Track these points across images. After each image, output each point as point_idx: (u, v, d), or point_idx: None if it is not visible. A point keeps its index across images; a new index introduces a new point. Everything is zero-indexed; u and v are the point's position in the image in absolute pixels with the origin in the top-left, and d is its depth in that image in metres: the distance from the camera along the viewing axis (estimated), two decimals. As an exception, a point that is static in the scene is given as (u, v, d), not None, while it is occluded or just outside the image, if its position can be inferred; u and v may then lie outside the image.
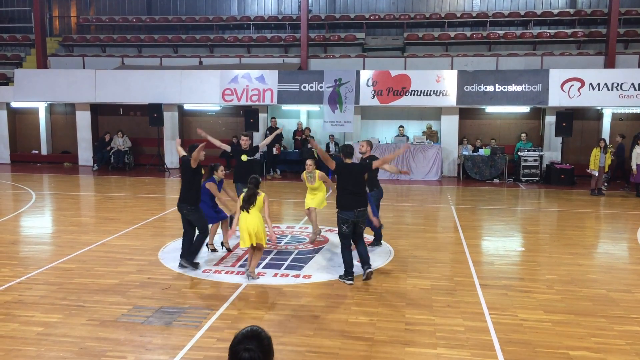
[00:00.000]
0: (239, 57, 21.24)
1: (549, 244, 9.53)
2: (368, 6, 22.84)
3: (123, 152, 19.11)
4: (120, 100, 19.15)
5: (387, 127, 18.88)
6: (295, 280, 7.36)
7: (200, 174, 7.87)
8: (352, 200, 7.23)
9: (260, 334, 2.38)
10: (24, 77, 19.43)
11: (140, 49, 22.80)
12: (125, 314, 6.13)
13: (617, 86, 16.38)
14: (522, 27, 21.55)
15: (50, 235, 10.03)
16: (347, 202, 7.23)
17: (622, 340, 5.58)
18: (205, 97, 18.44)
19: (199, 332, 5.67)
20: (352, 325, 5.88)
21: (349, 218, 7.20)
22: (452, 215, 11.89)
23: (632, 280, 7.56)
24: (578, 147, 17.86)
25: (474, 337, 5.60)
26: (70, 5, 24.66)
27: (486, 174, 17.07)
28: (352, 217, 7.20)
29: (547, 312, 6.28)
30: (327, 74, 17.79)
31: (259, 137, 18.83)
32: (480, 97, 17.09)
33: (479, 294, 6.87)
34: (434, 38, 21.05)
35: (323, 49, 21.71)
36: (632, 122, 17.69)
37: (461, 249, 9.04)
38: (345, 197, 7.26)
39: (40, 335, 5.59)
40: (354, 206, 7.20)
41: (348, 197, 7.24)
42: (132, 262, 8.09)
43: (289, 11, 23.35)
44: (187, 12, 24.04)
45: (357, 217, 7.24)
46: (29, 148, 20.99)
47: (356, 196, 7.26)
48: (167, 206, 12.56)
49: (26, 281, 7.23)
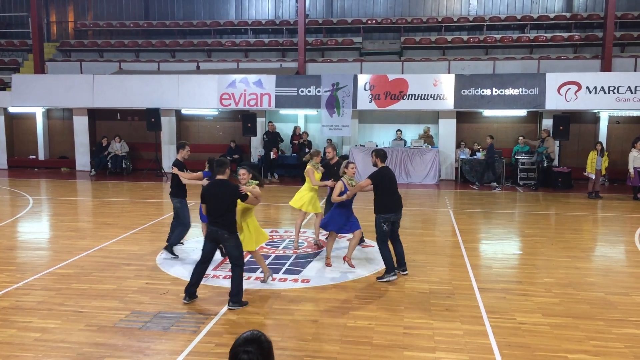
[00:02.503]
0: (236, 62, 21.27)
1: (547, 247, 9.54)
2: (365, 10, 22.90)
3: (121, 157, 19.09)
4: (118, 105, 19.15)
5: (384, 131, 18.92)
6: (293, 284, 7.35)
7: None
8: (397, 202, 7.63)
9: (261, 338, 2.39)
10: (21, 82, 19.42)
11: (137, 54, 22.82)
12: (123, 319, 6.11)
13: (614, 89, 16.44)
14: (519, 31, 21.64)
15: (48, 241, 10.00)
16: (392, 205, 7.55)
17: (620, 343, 5.59)
18: (203, 101, 18.45)
19: (197, 337, 5.66)
20: (351, 330, 5.87)
21: (390, 218, 7.54)
22: (450, 219, 11.90)
23: (630, 283, 7.57)
24: (575, 150, 17.90)
25: (472, 341, 5.60)
26: (67, 10, 24.67)
27: (483, 178, 17.08)
28: (393, 217, 7.59)
29: (546, 316, 6.28)
30: (325, 78, 17.82)
31: (257, 141, 18.85)
32: (477, 100, 17.14)
33: (478, 297, 6.87)
34: (431, 42, 21.11)
35: (320, 53, 21.75)
36: (628, 125, 17.74)
37: (459, 252, 9.04)
38: (390, 200, 7.55)
39: (37, 341, 5.57)
40: (396, 209, 7.61)
41: (392, 200, 7.57)
42: (129, 268, 8.07)
43: (287, 16, 23.39)
44: (185, 16, 24.07)
45: (397, 217, 7.66)
46: (27, 153, 20.95)
47: (398, 198, 7.67)
48: (165, 211, 12.54)
49: (23, 287, 7.21)
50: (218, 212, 6.41)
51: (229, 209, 6.45)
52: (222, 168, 6.54)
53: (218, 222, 6.41)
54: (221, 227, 6.40)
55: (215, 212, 6.43)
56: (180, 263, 8.33)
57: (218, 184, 6.51)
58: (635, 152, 14.35)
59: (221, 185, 6.49)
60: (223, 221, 6.41)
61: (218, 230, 6.41)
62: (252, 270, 7.93)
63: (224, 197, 6.40)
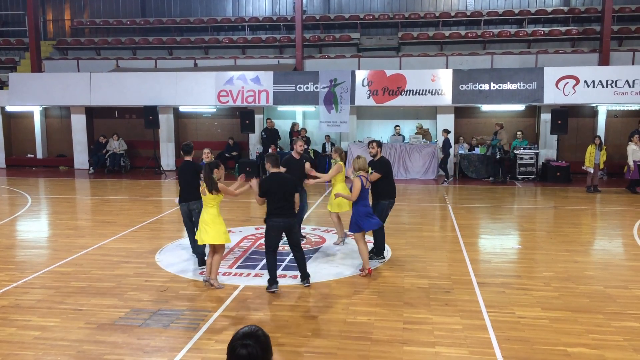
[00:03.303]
0: (234, 59, 21.23)
1: (546, 241, 9.55)
2: (362, 6, 22.85)
3: (119, 155, 19.07)
4: (116, 103, 19.11)
5: (383, 126, 18.90)
6: (293, 281, 7.35)
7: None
8: (395, 188, 8.40)
9: (258, 332, 2.41)
10: (18, 81, 19.37)
11: (134, 52, 22.76)
12: (123, 317, 6.11)
13: (612, 83, 16.43)
14: (517, 26, 21.61)
15: (47, 239, 10.00)
16: (394, 190, 8.33)
17: (619, 336, 5.60)
18: (201, 99, 18.42)
19: (197, 334, 5.66)
20: (350, 325, 5.87)
21: (393, 202, 8.33)
22: (449, 214, 11.91)
23: (628, 277, 7.58)
24: (574, 144, 17.90)
25: (471, 335, 5.61)
26: (64, 8, 24.59)
27: (482, 173, 17.10)
28: (393, 201, 8.34)
29: (545, 309, 6.29)
30: (323, 75, 17.79)
31: (255, 138, 18.84)
32: (475, 95, 17.12)
33: (477, 292, 6.88)
34: (428, 37, 21.09)
35: (318, 49, 21.71)
36: (626, 119, 17.74)
37: (458, 247, 9.05)
38: (393, 185, 8.29)
39: (37, 339, 5.57)
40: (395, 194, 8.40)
41: (393, 185, 8.31)
42: (129, 265, 8.07)
43: (284, 12, 23.34)
44: (182, 14, 24.00)
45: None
46: (24, 152, 20.92)
47: (394, 184, 8.45)
48: (164, 208, 12.54)
49: (23, 285, 7.20)
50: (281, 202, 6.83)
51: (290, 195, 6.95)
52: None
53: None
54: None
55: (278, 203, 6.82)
56: (179, 261, 8.33)
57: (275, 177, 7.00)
58: (634, 146, 14.35)
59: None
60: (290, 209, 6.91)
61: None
62: (251, 267, 7.93)
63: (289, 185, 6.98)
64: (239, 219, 11.19)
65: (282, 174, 7.12)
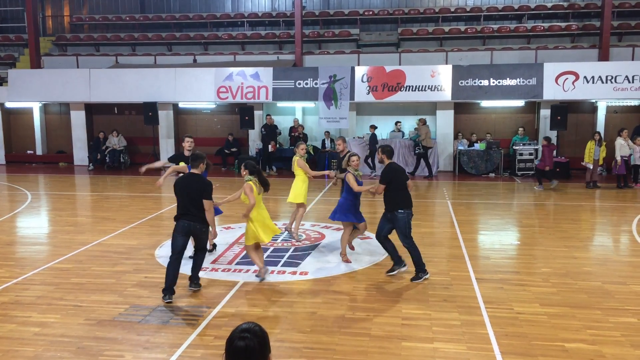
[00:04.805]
0: (233, 55, 21.20)
1: (545, 237, 9.56)
2: (362, 2, 22.81)
3: (118, 151, 19.07)
4: (115, 100, 19.11)
5: (382, 122, 18.88)
6: (292, 277, 7.37)
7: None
8: (410, 198, 7.38)
9: (256, 328, 2.46)
10: (17, 77, 19.36)
11: (134, 48, 22.73)
12: (123, 313, 6.13)
13: (611, 79, 16.42)
14: (516, 21, 21.57)
15: (47, 236, 10.02)
16: (409, 199, 7.31)
17: (617, 332, 5.62)
18: (200, 95, 18.42)
19: (196, 330, 5.68)
20: (349, 321, 5.89)
21: (411, 212, 7.32)
22: (448, 210, 11.92)
23: (627, 273, 7.60)
24: (573, 140, 17.91)
25: (470, 331, 5.63)
26: (63, 4, 24.54)
27: (482, 169, 17.12)
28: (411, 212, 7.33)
29: (543, 305, 6.31)
30: (322, 71, 17.78)
31: (255, 134, 18.84)
32: (475, 91, 17.12)
33: (475, 288, 6.90)
34: (428, 33, 21.05)
35: (317, 45, 21.68)
36: (626, 115, 17.75)
37: (457, 243, 9.07)
38: (406, 196, 7.29)
39: (37, 335, 5.59)
40: (411, 204, 7.35)
41: (408, 195, 7.32)
42: (128, 262, 8.09)
43: (283, 8, 23.30)
44: (181, 10, 23.95)
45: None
46: (24, 148, 20.93)
47: (409, 194, 7.39)
48: (163, 205, 12.55)
49: (23, 282, 7.22)
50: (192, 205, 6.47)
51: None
52: (196, 162, 6.69)
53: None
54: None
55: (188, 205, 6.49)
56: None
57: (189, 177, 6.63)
58: (622, 140, 14.37)
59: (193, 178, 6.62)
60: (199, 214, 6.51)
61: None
62: (250, 264, 7.94)
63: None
64: (237, 215, 11.19)
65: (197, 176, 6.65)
